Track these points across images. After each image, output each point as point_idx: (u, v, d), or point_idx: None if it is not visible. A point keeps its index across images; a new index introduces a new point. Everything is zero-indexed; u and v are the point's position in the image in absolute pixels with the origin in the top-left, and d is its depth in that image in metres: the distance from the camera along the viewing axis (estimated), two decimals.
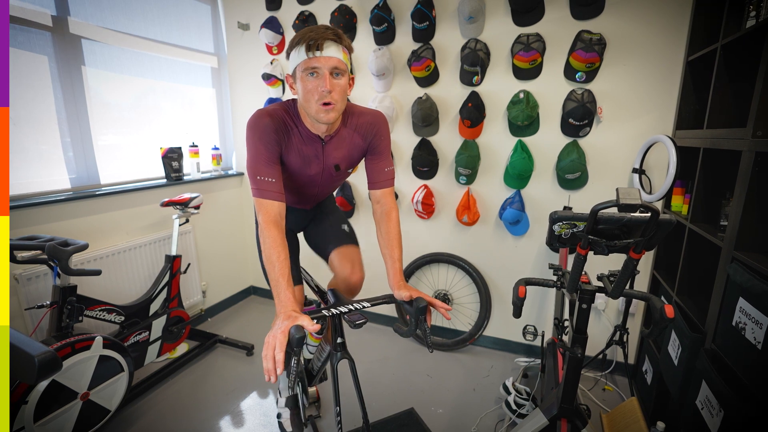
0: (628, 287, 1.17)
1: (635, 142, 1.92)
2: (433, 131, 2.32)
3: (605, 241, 1.03)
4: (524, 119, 2.02)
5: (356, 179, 2.58)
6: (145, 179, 2.40)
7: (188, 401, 1.96)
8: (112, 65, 2.18)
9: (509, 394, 1.82)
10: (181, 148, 2.47)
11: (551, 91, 2.03)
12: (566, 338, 1.76)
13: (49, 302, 1.62)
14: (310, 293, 1.79)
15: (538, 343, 2.25)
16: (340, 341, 1.16)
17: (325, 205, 1.61)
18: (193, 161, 2.59)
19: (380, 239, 1.27)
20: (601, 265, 1.83)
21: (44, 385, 1.41)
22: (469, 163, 2.17)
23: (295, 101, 1.21)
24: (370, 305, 1.10)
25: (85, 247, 1.64)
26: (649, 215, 0.95)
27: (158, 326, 2.07)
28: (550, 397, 1.40)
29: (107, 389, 1.65)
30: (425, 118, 2.23)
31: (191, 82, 2.69)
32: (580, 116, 1.92)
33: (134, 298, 2.11)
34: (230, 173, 2.91)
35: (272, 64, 2.59)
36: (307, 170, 1.27)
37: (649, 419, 1.66)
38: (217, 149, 2.82)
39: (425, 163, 2.32)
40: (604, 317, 2.17)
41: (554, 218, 1.10)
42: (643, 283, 2.03)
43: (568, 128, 2.01)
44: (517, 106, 2.02)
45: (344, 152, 1.28)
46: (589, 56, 1.83)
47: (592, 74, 1.92)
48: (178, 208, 2.17)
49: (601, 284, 1.19)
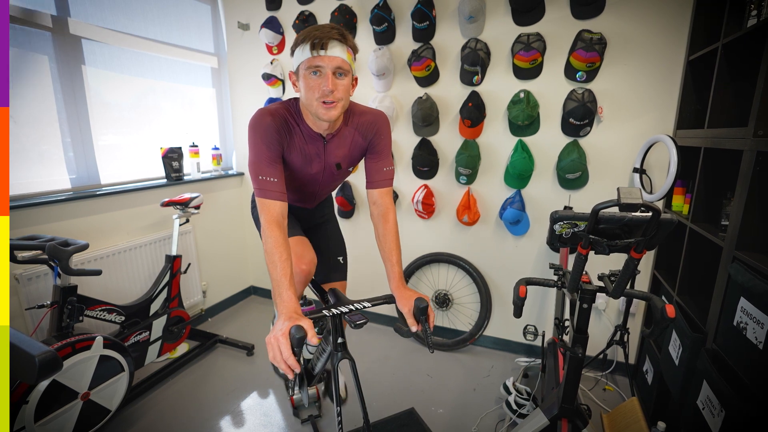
0: (628, 287, 1.16)
1: (636, 141, 1.92)
2: (433, 131, 2.32)
3: (606, 240, 1.03)
4: (525, 119, 2.02)
5: (356, 179, 2.58)
6: (145, 179, 2.40)
7: (188, 401, 1.96)
8: (112, 65, 2.18)
9: (510, 394, 1.82)
10: (181, 148, 2.47)
11: (552, 90, 2.02)
12: (567, 338, 1.76)
13: (49, 302, 1.62)
14: (310, 293, 1.79)
15: (538, 343, 2.25)
16: (340, 341, 1.16)
17: (326, 216, 1.61)
18: (193, 161, 2.59)
19: (378, 242, 1.27)
20: (601, 264, 1.83)
21: (45, 385, 1.41)
22: (469, 162, 2.17)
23: (297, 100, 1.21)
24: (370, 305, 1.10)
25: (85, 247, 1.63)
26: (650, 215, 0.95)
27: (158, 326, 2.07)
28: (550, 397, 1.40)
29: (108, 389, 1.65)
30: (425, 117, 2.22)
31: (191, 82, 2.69)
32: (580, 116, 1.92)
33: (135, 298, 2.10)
34: (230, 173, 2.91)
35: (272, 64, 2.59)
36: (308, 169, 1.27)
37: (649, 419, 1.66)
38: (217, 149, 2.82)
39: (425, 162, 2.32)
40: (604, 317, 2.17)
41: (555, 218, 1.10)
42: (643, 282, 2.03)
43: (568, 128, 2.01)
44: (517, 105, 2.01)
45: (345, 151, 1.28)
46: (589, 56, 1.83)
47: (592, 74, 1.92)
48: (178, 208, 2.17)
49: (601, 284, 1.19)
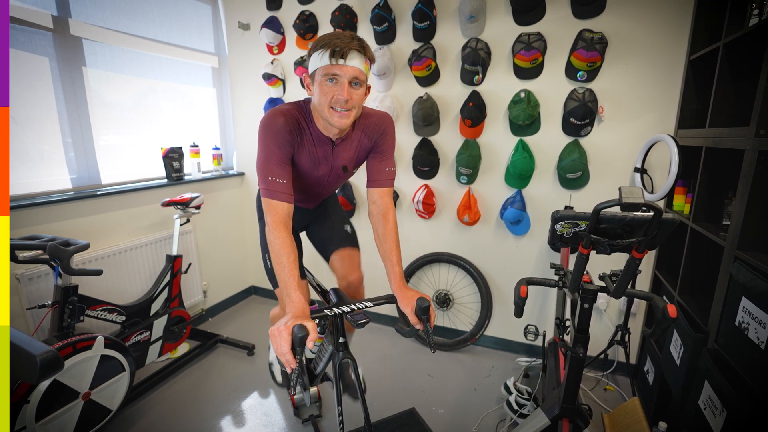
0: (630, 287, 1.16)
1: (637, 141, 1.91)
2: (433, 131, 2.32)
3: (608, 240, 1.03)
4: (525, 119, 2.01)
5: (357, 179, 2.58)
6: (145, 179, 2.40)
7: (189, 401, 1.96)
8: (112, 65, 2.18)
9: (510, 394, 1.82)
10: (181, 148, 2.47)
11: (552, 90, 2.02)
12: (568, 338, 1.76)
13: (50, 302, 1.62)
14: (312, 293, 1.79)
15: (539, 343, 2.25)
16: (342, 341, 1.16)
17: (328, 203, 1.62)
18: (193, 161, 2.60)
19: (378, 243, 1.27)
20: (602, 264, 1.82)
21: (46, 384, 1.41)
22: (470, 162, 2.17)
23: (307, 102, 1.21)
24: (372, 305, 1.10)
25: (86, 247, 1.63)
26: (651, 214, 0.94)
27: (159, 326, 2.07)
28: (551, 397, 1.40)
29: (108, 389, 1.65)
30: (426, 117, 2.22)
31: (192, 82, 2.69)
32: (581, 115, 1.91)
33: (135, 297, 2.11)
34: (231, 173, 2.91)
35: (273, 63, 2.59)
36: (315, 171, 1.27)
37: (650, 419, 1.65)
38: (217, 149, 2.82)
39: (426, 162, 2.32)
40: (605, 317, 2.17)
41: (556, 217, 1.10)
42: (644, 282, 2.03)
43: (569, 127, 2.00)
44: (518, 105, 2.01)
45: (352, 153, 1.29)
46: (590, 55, 1.83)
47: (593, 73, 1.92)
48: (179, 208, 2.17)
49: (603, 284, 1.19)
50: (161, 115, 2.50)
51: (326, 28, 2.45)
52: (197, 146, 2.60)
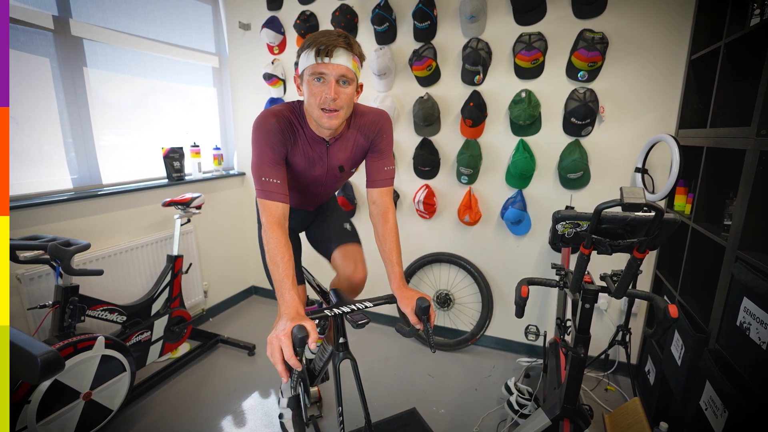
0: (631, 287, 1.16)
1: (638, 141, 1.91)
2: (434, 131, 2.32)
3: (609, 240, 1.03)
4: (526, 118, 2.01)
5: (358, 179, 2.58)
6: (146, 179, 2.40)
7: (190, 401, 1.96)
8: (113, 65, 2.18)
9: (511, 394, 1.82)
10: (182, 148, 2.47)
11: (553, 90, 2.02)
12: (569, 338, 1.76)
13: (51, 302, 1.62)
14: (312, 293, 1.79)
15: (540, 343, 2.25)
16: (342, 341, 1.16)
17: (327, 204, 1.61)
18: (194, 161, 2.60)
19: (378, 242, 1.26)
20: (602, 264, 1.82)
21: (47, 384, 1.41)
22: (470, 162, 2.17)
23: (301, 102, 1.20)
24: (372, 305, 1.10)
25: (87, 247, 1.63)
26: (653, 214, 0.94)
27: (160, 326, 2.07)
28: (552, 397, 1.40)
29: (109, 389, 1.65)
30: (427, 117, 2.22)
31: (192, 82, 2.69)
32: (582, 115, 1.91)
33: (136, 298, 2.11)
34: (232, 173, 2.91)
35: (273, 63, 2.59)
36: (311, 171, 1.27)
37: (652, 420, 1.65)
38: (218, 149, 2.82)
39: (427, 162, 2.32)
40: (606, 317, 2.17)
41: (558, 217, 1.09)
42: (645, 282, 2.02)
43: (570, 127, 2.00)
44: (518, 105, 2.01)
45: (348, 153, 1.28)
46: (591, 55, 1.83)
47: (594, 73, 1.91)
48: (179, 208, 2.17)
49: (604, 284, 1.19)
50: (162, 115, 2.50)
51: (327, 28, 2.45)
52: (198, 146, 2.60)
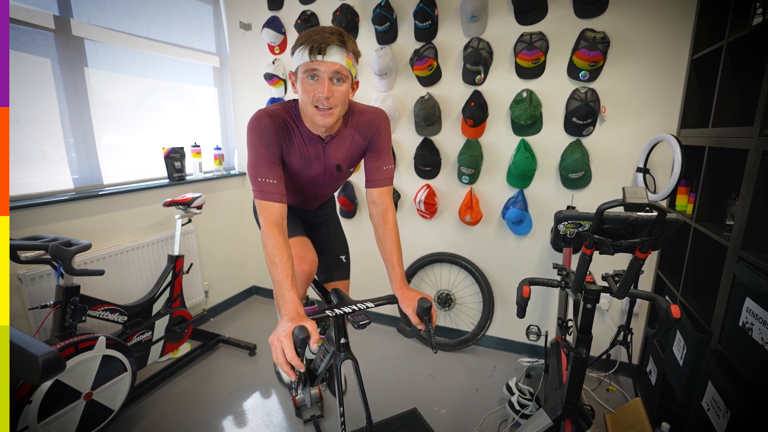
0: (632, 287, 1.16)
1: (639, 141, 1.91)
2: (435, 131, 2.31)
3: (611, 240, 1.03)
4: (527, 118, 2.01)
5: (358, 179, 2.57)
6: (147, 179, 2.40)
7: (191, 401, 1.96)
8: (114, 66, 2.18)
9: (512, 394, 1.81)
10: (183, 148, 2.47)
11: (554, 90, 2.02)
12: (570, 338, 1.75)
13: (52, 302, 1.62)
14: (312, 293, 1.79)
15: (541, 343, 2.24)
16: (343, 341, 1.16)
17: (327, 215, 1.60)
18: (195, 161, 2.60)
19: (379, 243, 1.26)
20: (603, 265, 1.82)
21: (48, 385, 1.41)
22: (471, 162, 2.17)
23: (296, 101, 1.20)
24: (373, 305, 1.10)
25: (88, 247, 1.64)
26: (655, 215, 0.94)
27: (161, 326, 2.07)
28: (553, 397, 1.40)
29: (110, 389, 1.65)
30: (427, 117, 2.22)
31: (193, 81, 2.69)
32: (583, 115, 1.91)
33: (137, 298, 2.10)
34: (232, 173, 2.91)
35: (274, 63, 2.59)
36: (308, 171, 1.26)
37: (653, 420, 1.65)
38: (219, 149, 2.82)
39: (428, 162, 2.31)
40: (607, 317, 2.16)
41: (559, 218, 1.09)
42: (647, 283, 2.02)
43: (571, 127, 2.00)
44: (520, 105, 2.01)
45: (345, 152, 1.27)
46: (592, 55, 1.82)
47: (595, 73, 1.91)
48: (180, 208, 2.17)
49: (605, 284, 1.19)
50: (163, 115, 2.50)
51: None
52: (199, 146, 2.60)
